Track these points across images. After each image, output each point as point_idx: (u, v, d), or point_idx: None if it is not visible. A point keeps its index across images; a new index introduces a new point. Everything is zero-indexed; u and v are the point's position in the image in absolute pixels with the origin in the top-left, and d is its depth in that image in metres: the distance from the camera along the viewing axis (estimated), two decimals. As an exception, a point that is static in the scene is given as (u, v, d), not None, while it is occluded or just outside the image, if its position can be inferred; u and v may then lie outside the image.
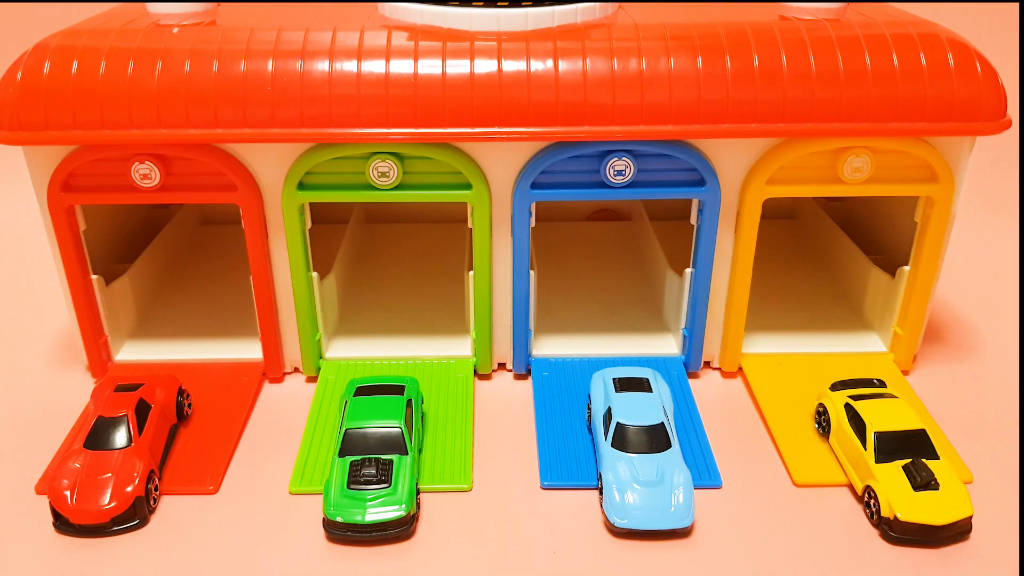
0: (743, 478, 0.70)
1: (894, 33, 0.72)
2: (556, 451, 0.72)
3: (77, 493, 0.64)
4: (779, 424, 0.75)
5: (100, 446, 0.67)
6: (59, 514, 0.64)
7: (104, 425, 0.68)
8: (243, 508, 0.67)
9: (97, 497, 0.64)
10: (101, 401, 0.70)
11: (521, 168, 0.74)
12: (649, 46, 0.71)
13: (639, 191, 0.75)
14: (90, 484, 0.65)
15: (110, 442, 0.67)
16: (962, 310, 0.95)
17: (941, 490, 0.64)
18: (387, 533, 0.63)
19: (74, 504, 0.64)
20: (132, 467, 0.66)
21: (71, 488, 0.64)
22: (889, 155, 0.73)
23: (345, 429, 0.68)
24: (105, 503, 0.64)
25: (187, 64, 0.69)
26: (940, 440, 0.73)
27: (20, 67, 0.70)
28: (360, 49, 0.70)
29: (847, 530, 0.65)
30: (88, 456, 0.67)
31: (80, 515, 0.64)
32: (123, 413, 0.69)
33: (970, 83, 0.71)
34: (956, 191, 0.75)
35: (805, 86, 0.70)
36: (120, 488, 0.65)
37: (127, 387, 0.72)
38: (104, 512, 0.64)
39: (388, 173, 0.73)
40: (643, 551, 0.63)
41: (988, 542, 0.64)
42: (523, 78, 0.69)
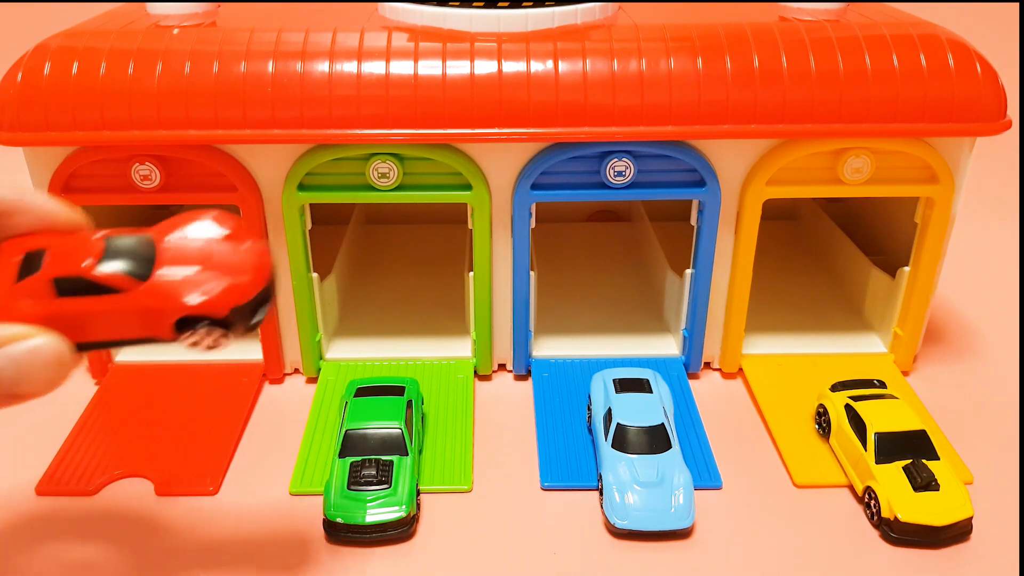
0: (743, 479, 0.70)
1: (894, 34, 0.72)
2: (556, 452, 0.72)
3: None
4: (779, 425, 0.75)
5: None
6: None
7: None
8: (243, 509, 0.67)
9: None
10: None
11: (521, 169, 0.74)
12: (649, 47, 0.71)
13: (639, 192, 0.75)
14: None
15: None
16: (962, 311, 0.95)
17: (941, 491, 0.64)
18: (387, 534, 0.63)
19: None
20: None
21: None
22: (889, 156, 0.73)
23: (345, 430, 0.68)
24: None
25: (187, 65, 0.69)
26: (940, 441, 0.73)
27: (20, 68, 0.70)
28: (360, 50, 0.70)
29: (847, 531, 0.65)
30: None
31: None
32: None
33: (970, 84, 0.71)
34: (956, 192, 0.75)
35: (805, 87, 0.70)
36: None
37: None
38: None
39: (388, 174, 0.73)
40: (643, 552, 0.63)
41: (988, 543, 0.64)
42: (523, 79, 0.69)
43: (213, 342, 0.43)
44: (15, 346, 0.40)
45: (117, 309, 0.42)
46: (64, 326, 0.41)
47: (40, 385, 0.40)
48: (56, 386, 0.41)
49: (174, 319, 0.42)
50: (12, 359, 0.39)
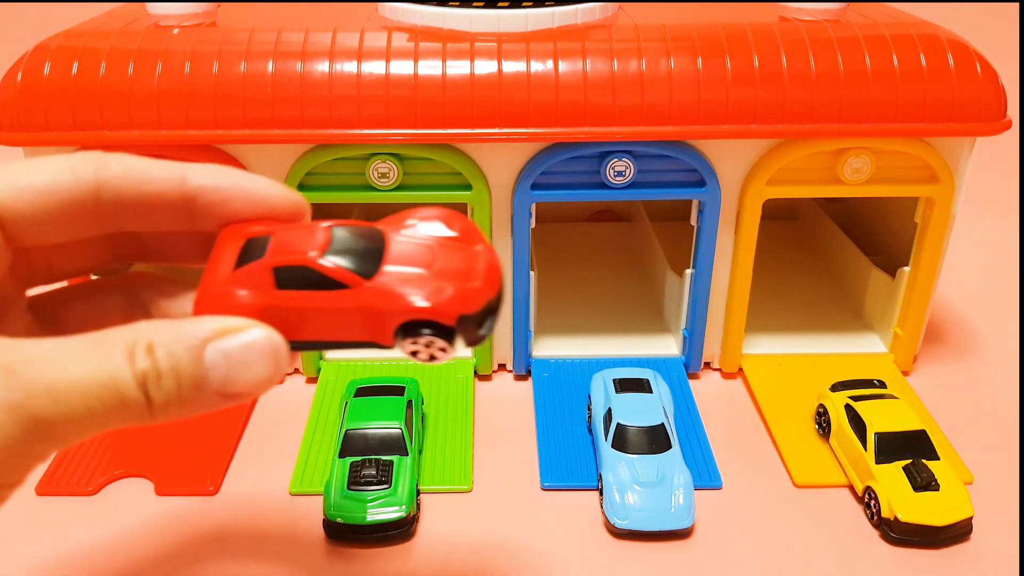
0: (743, 479, 0.70)
1: (894, 34, 0.72)
2: (556, 452, 0.72)
3: None
4: (779, 425, 0.75)
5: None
6: None
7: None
8: (243, 509, 0.67)
9: None
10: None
11: (521, 169, 0.74)
12: (649, 47, 0.71)
13: (639, 192, 0.75)
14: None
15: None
16: (962, 311, 0.95)
17: (941, 491, 0.64)
18: (388, 534, 0.63)
19: None
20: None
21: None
22: (889, 156, 0.73)
23: (345, 430, 0.68)
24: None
25: (187, 65, 0.69)
26: (940, 441, 0.73)
27: (20, 68, 0.70)
28: (360, 50, 0.70)
29: (847, 531, 0.65)
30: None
31: None
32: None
33: (970, 84, 0.70)
34: (956, 192, 0.75)
35: (805, 87, 0.70)
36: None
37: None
38: None
39: (388, 174, 0.73)
40: (643, 552, 0.63)
41: (988, 543, 0.64)
42: (523, 79, 0.69)
43: (434, 352, 0.39)
44: (228, 339, 0.36)
45: (338, 307, 0.38)
46: (280, 321, 0.38)
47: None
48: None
49: (398, 323, 0.38)
50: (225, 355, 0.35)
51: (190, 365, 0.35)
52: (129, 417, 0.34)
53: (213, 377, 0.35)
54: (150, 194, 0.40)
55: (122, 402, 0.33)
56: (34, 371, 0.32)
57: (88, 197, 0.39)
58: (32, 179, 0.38)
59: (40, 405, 0.32)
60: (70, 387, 0.32)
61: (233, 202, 0.41)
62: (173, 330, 0.35)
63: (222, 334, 0.36)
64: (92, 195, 0.39)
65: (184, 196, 0.40)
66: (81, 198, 0.39)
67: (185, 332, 0.35)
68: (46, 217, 0.38)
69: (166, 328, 0.35)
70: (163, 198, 0.40)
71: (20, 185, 0.38)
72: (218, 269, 0.39)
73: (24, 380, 0.32)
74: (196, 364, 0.35)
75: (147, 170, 0.40)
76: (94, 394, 0.33)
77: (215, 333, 0.35)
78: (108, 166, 0.39)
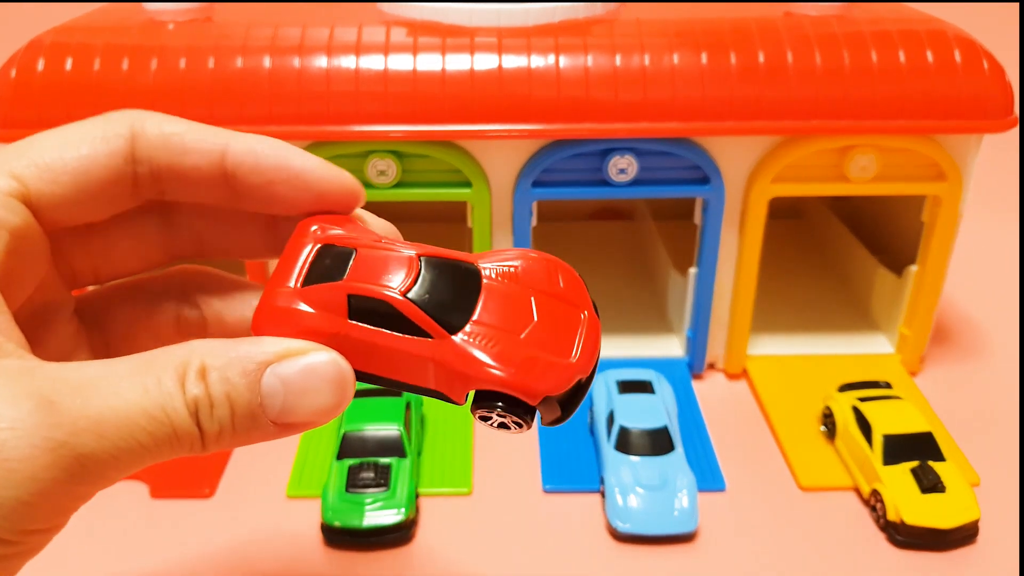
0: (748, 481, 0.69)
1: (900, 29, 0.71)
2: (558, 454, 0.71)
3: None
4: (784, 427, 0.74)
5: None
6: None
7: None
8: (239, 512, 0.66)
9: None
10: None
11: (522, 166, 0.73)
12: (652, 42, 0.70)
13: (642, 189, 0.74)
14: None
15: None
16: (970, 311, 0.94)
17: (948, 493, 0.63)
18: (386, 538, 0.62)
19: None
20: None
21: None
22: (895, 153, 0.72)
23: (343, 432, 0.67)
24: None
25: (182, 61, 0.68)
26: (947, 443, 0.72)
27: (14, 64, 0.69)
28: (358, 45, 0.69)
29: (853, 534, 0.64)
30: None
31: None
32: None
33: (977, 80, 0.70)
34: (964, 190, 0.74)
35: (810, 83, 0.69)
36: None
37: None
38: None
39: (387, 171, 0.72)
40: (646, 555, 0.62)
41: (995, 546, 0.63)
42: (524, 74, 0.68)
43: (508, 424, 0.36)
44: (288, 364, 0.32)
45: (414, 353, 0.34)
46: (347, 351, 0.34)
47: (314, 414, 0.32)
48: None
49: (472, 388, 0.34)
50: (284, 381, 0.32)
51: (245, 392, 0.31)
52: (180, 448, 0.31)
53: (270, 406, 0.32)
54: (185, 168, 0.36)
55: (173, 434, 0.30)
56: (78, 403, 0.29)
57: (125, 171, 0.35)
58: (64, 157, 0.34)
59: (85, 442, 0.28)
60: (117, 420, 0.29)
61: (277, 185, 0.36)
62: (229, 352, 0.32)
63: (282, 358, 0.32)
64: (129, 167, 0.35)
65: (224, 173, 0.36)
66: (119, 174, 0.35)
67: (241, 355, 0.32)
68: (83, 198, 0.35)
69: (221, 349, 0.32)
70: (199, 173, 0.36)
71: (53, 168, 0.34)
72: (286, 278, 0.35)
73: (67, 415, 0.28)
74: (252, 391, 0.31)
75: (186, 139, 0.36)
76: (143, 426, 0.30)
77: (275, 357, 0.32)
78: (144, 131, 0.35)
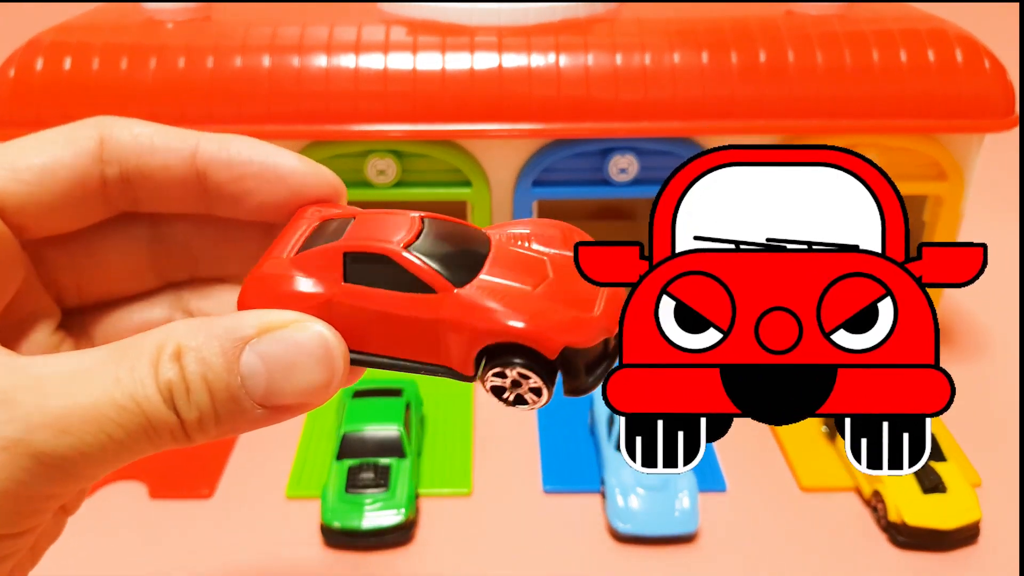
0: (748, 482, 0.69)
1: (901, 29, 0.71)
2: (559, 455, 0.71)
3: None
4: (786, 427, 0.74)
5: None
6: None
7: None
8: (238, 513, 0.66)
9: None
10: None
11: (522, 166, 0.73)
12: (653, 41, 0.70)
13: (643, 189, 0.74)
14: None
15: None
16: (970, 311, 0.94)
17: (949, 494, 0.63)
18: (386, 538, 0.62)
19: None
20: None
21: None
22: (896, 153, 0.72)
23: (343, 432, 0.67)
24: None
25: (181, 60, 0.68)
26: (948, 443, 0.72)
27: (13, 63, 0.69)
28: (358, 43, 0.69)
29: (854, 535, 0.64)
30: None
31: None
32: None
33: (978, 80, 0.70)
34: (965, 189, 0.74)
35: (812, 82, 0.69)
36: None
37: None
38: None
39: (386, 171, 0.72)
40: (647, 556, 0.62)
41: (996, 546, 0.63)
42: (524, 73, 0.68)
43: (524, 393, 0.32)
44: (268, 339, 0.29)
45: (416, 315, 0.30)
46: (341, 324, 0.31)
47: (301, 394, 0.29)
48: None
49: (483, 345, 0.30)
50: (264, 358, 0.28)
51: (224, 373, 0.28)
52: (160, 440, 0.28)
53: (253, 387, 0.29)
54: (155, 167, 0.34)
55: (148, 423, 0.28)
56: (36, 398, 0.27)
57: (93, 173, 0.34)
58: (31, 160, 0.33)
59: (44, 439, 0.27)
60: (83, 414, 0.27)
61: (249, 180, 0.34)
62: (206, 329, 0.29)
63: (262, 332, 0.29)
64: (96, 167, 0.34)
65: (196, 172, 0.34)
66: (85, 175, 0.34)
67: (219, 332, 0.28)
68: (51, 201, 0.33)
69: (199, 327, 0.29)
70: (170, 173, 0.34)
71: (16, 167, 0.33)
72: (279, 250, 0.32)
73: (22, 410, 0.27)
74: (230, 372, 0.28)
75: (155, 139, 0.34)
76: (112, 418, 0.27)
77: (256, 331, 0.29)
78: (113, 134, 0.34)
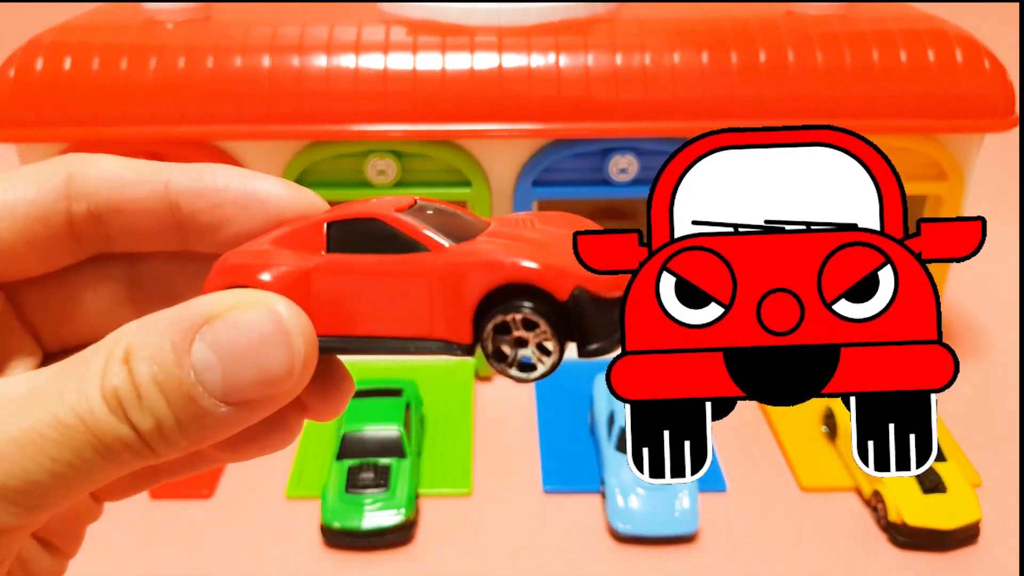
0: (748, 482, 0.69)
1: (902, 29, 0.71)
2: (559, 455, 0.71)
3: None
4: (786, 427, 0.74)
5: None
6: None
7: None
8: (238, 513, 0.66)
9: None
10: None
11: (522, 165, 0.73)
12: (653, 41, 0.70)
13: (643, 189, 0.73)
14: None
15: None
16: (970, 311, 0.94)
17: (949, 493, 0.63)
18: (386, 539, 0.62)
19: None
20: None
21: None
22: (896, 153, 0.72)
23: (343, 432, 0.67)
24: None
25: (181, 60, 0.68)
26: (948, 443, 0.71)
27: (13, 63, 0.69)
28: (358, 44, 0.69)
29: (854, 534, 0.64)
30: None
31: None
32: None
33: (978, 80, 0.69)
34: (965, 189, 0.74)
35: (812, 82, 0.69)
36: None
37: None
38: None
39: (386, 171, 0.72)
40: (647, 556, 0.62)
41: (996, 546, 0.62)
42: (524, 73, 0.68)
43: (532, 353, 0.28)
44: (217, 324, 0.25)
45: (405, 276, 0.27)
46: (320, 303, 0.28)
47: (265, 384, 0.25)
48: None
49: (483, 293, 0.26)
50: (216, 346, 0.25)
51: (174, 370, 0.25)
52: (118, 458, 0.25)
53: (208, 382, 0.25)
54: (126, 201, 0.31)
55: (95, 440, 0.24)
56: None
57: (59, 210, 0.31)
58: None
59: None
60: (20, 437, 0.24)
61: (227, 208, 0.31)
62: (157, 323, 0.25)
63: (212, 318, 0.25)
64: (63, 204, 0.31)
65: (169, 205, 0.31)
66: (50, 212, 0.31)
67: (164, 323, 0.25)
68: (12, 240, 0.30)
69: (150, 323, 0.25)
70: (142, 206, 0.31)
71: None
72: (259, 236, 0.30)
73: None
74: (181, 368, 0.25)
75: (124, 173, 0.31)
76: (53, 439, 0.24)
77: (205, 318, 0.25)
78: (81, 170, 0.31)
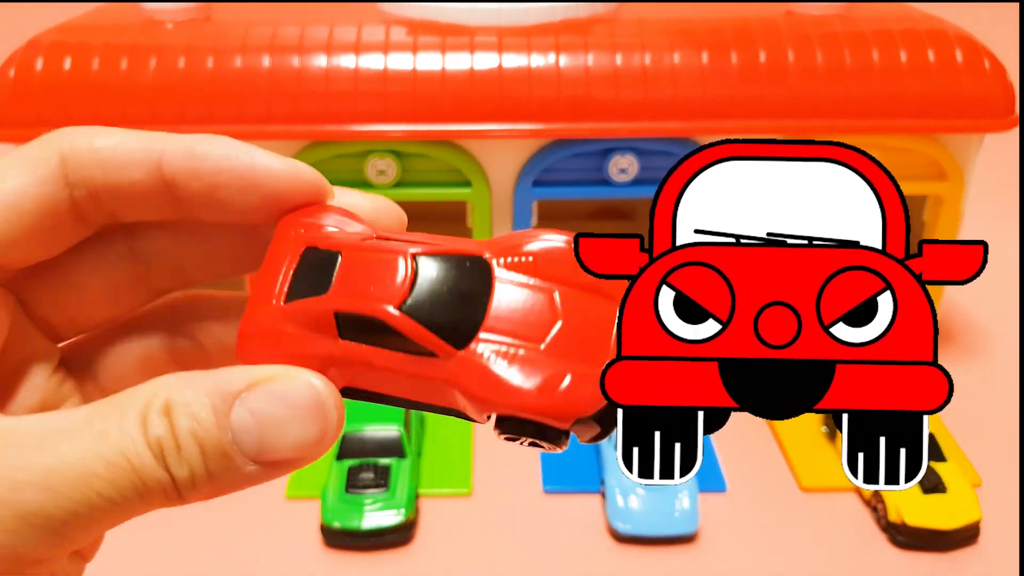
0: (748, 482, 0.69)
1: (902, 29, 0.71)
2: (559, 455, 0.71)
3: None
4: (785, 427, 0.74)
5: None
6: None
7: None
8: (238, 513, 0.66)
9: None
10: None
11: (522, 166, 0.73)
12: (653, 41, 0.70)
13: (643, 189, 0.74)
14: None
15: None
16: (970, 311, 0.94)
17: (949, 494, 0.63)
18: (386, 539, 0.62)
19: None
20: None
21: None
22: (897, 153, 0.72)
23: (343, 432, 0.67)
24: None
25: (181, 60, 0.68)
26: (948, 443, 0.71)
27: (13, 63, 0.69)
28: (358, 44, 0.69)
29: (854, 535, 0.64)
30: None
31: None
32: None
33: (978, 80, 0.70)
34: (965, 189, 0.74)
35: (812, 82, 0.69)
36: None
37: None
38: None
39: (386, 171, 0.72)
40: (647, 557, 0.62)
41: (996, 546, 0.63)
42: (524, 74, 0.68)
43: (535, 444, 0.31)
44: (257, 393, 0.28)
45: (419, 374, 0.30)
46: (343, 368, 0.30)
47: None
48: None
49: (493, 413, 0.29)
50: (255, 413, 0.28)
51: (214, 430, 0.28)
52: (152, 498, 0.27)
53: (245, 443, 0.28)
54: (123, 186, 0.32)
55: (139, 481, 0.27)
56: (20, 455, 0.26)
57: (61, 196, 0.32)
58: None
59: (30, 499, 0.26)
60: (70, 471, 0.26)
61: (221, 189, 0.32)
62: (197, 383, 0.28)
63: (252, 386, 0.28)
64: (64, 192, 0.32)
65: (164, 183, 0.32)
66: (54, 201, 0.31)
67: (209, 387, 0.28)
68: (21, 236, 0.31)
69: (188, 382, 0.28)
70: (139, 188, 0.32)
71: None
72: (268, 294, 0.31)
73: (6, 469, 0.26)
74: (221, 428, 0.28)
75: (118, 153, 0.32)
76: (101, 475, 0.26)
77: (245, 386, 0.28)
78: (75, 151, 0.31)
